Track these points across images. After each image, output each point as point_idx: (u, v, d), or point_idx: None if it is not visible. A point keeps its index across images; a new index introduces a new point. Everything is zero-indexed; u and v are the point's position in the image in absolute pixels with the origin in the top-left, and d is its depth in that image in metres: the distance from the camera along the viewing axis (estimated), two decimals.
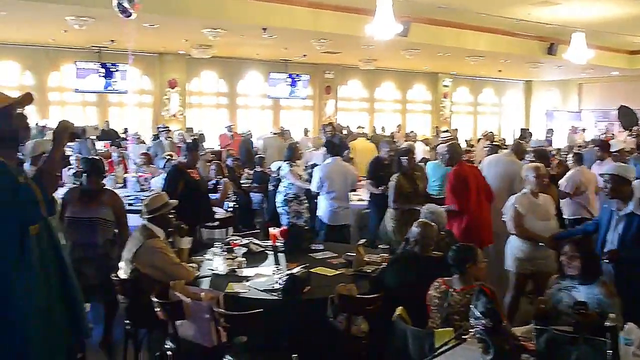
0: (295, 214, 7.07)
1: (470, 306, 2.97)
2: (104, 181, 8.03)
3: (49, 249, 2.84)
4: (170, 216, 4.41)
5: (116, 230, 4.94)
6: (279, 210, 7.32)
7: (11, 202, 2.64)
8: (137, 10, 7.74)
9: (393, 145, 7.91)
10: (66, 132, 2.81)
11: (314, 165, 8.13)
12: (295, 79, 17.98)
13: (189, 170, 6.09)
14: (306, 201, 7.27)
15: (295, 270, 4.08)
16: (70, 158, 9.29)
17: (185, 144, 6.70)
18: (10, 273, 2.66)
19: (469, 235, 5.37)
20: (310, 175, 7.43)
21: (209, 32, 11.93)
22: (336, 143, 7.76)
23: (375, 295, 3.92)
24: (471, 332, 2.87)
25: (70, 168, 8.41)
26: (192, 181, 6.01)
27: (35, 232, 2.76)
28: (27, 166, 4.11)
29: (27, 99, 2.86)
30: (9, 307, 2.66)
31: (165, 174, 6.63)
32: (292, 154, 7.46)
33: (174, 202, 4.53)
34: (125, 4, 7.49)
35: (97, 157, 5.36)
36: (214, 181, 7.65)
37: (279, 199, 7.28)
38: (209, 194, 6.94)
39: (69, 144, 5.40)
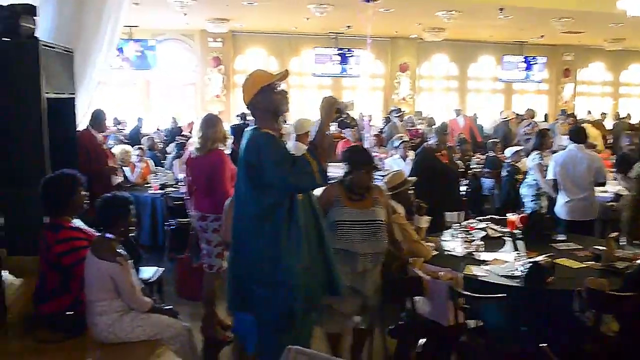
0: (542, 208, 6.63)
1: None
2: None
3: (309, 214, 3.05)
4: (410, 194, 4.47)
5: None
6: (527, 203, 6.83)
7: None
8: None
9: (636, 137, 7.00)
10: (332, 107, 2.96)
11: None
12: (531, 62, 17.06)
13: (438, 154, 5.99)
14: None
15: (539, 259, 3.88)
16: None
17: (435, 127, 6.54)
18: (281, 233, 2.91)
19: None
20: None
21: (444, 15, 11.83)
22: (581, 129, 6.90)
23: (631, 293, 3.56)
24: None
25: None
26: (441, 165, 5.92)
27: (302, 197, 2.99)
28: (292, 143, 4.42)
29: (285, 75, 3.09)
30: (279, 265, 2.91)
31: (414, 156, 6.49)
32: (541, 141, 6.68)
33: (413, 179, 4.59)
34: None
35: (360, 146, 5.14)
36: None
37: (527, 191, 6.79)
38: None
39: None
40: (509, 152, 8.38)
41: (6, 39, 4.13)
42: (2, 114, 3.43)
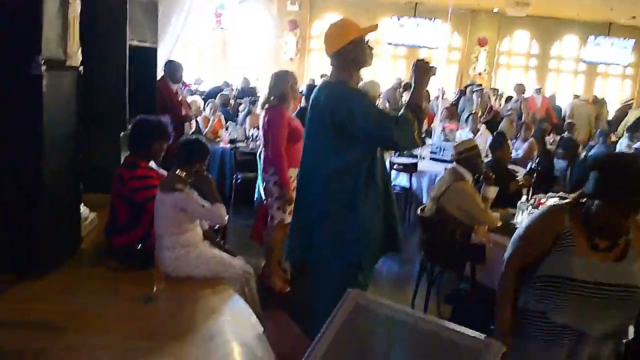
0: None
1: None
2: None
3: (383, 170, 3.08)
4: (480, 162, 4.41)
5: None
6: None
7: None
8: None
9: None
10: (429, 70, 2.92)
11: None
12: (617, 44, 16.25)
13: None
14: None
15: None
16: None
17: None
18: (360, 188, 2.92)
19: None
20: None
21: None
22: None
23: None
24: None
25: None
26: None
27: (380, 153, 3.02)
28: None
29: (375, 29, 3.09)
30: (355, 219, 2.93)
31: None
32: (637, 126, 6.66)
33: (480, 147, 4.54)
34: None
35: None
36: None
37: None
38: None
39: None
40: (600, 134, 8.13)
41: None
42: (89, 57, 3.59)
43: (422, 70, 2.93)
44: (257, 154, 5.32)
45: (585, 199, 2.31)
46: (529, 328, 2.40)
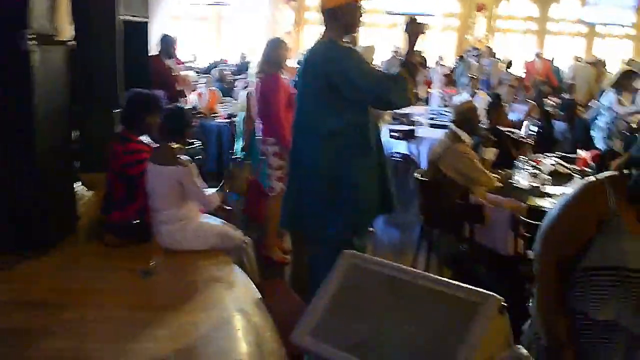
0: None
1: None
2: None
3: (375, 131, 3.07)
4: (478, 123, 4.37)
5: None
6: (598, 144, 6.68)
7: None
8: None
9: None
10: (421, 27, 2.91)
11: None
12: (618, 4, 15.93)
13: None
14: None
15: None
16: None
17: None
18: (354, 150, 2.93)
19: None
20: None
21: None
22: None
23: None
24: None
25: None
26: None
27: (372, 115, 3.02)
28: None
29: None
30: (349, 182, 2.93)
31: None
32: (623, 82, 6.64)
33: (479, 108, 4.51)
34: None
35: None
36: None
37: (598, 133, 6.67)
38: None
39: None
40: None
41: None
42: (81, 32, 3.55)
43: (414, 28, 2.91)
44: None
45: (630, 169, 1.85)
46: None
